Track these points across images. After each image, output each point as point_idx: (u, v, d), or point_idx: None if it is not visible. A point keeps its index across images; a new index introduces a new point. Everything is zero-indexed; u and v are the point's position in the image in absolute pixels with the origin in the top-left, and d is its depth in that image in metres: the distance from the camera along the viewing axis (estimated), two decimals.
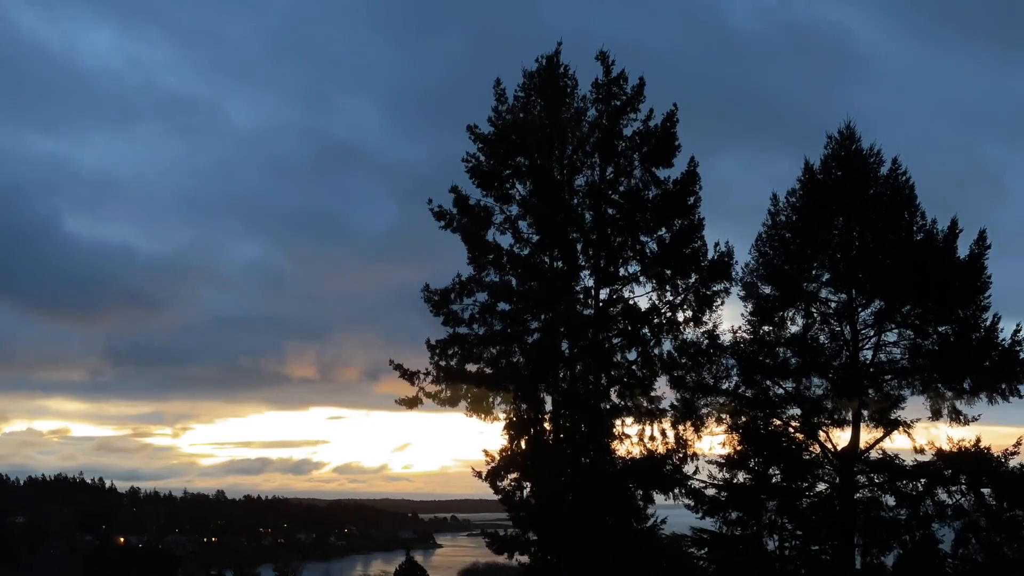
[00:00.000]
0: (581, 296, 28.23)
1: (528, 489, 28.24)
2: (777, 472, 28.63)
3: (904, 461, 27.54)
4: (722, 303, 28.34)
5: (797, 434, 28.65)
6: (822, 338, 28.62)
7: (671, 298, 28.32)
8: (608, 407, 28.09)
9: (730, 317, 28.84)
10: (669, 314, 28.23)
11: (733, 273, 28.35)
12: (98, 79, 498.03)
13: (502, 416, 28.31)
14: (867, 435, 27.78)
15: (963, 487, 26.86)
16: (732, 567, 28.57)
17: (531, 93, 28.42)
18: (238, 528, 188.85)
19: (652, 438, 28.23)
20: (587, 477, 27.65)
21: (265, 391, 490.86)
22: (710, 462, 28.63)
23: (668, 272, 28.22)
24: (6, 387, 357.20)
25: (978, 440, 26.77)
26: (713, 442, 29.01)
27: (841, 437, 28.14)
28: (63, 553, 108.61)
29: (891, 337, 28.21)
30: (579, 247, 28.37)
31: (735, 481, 28.54)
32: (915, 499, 27.13)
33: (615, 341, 28.49)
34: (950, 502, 26.90)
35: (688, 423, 28.37)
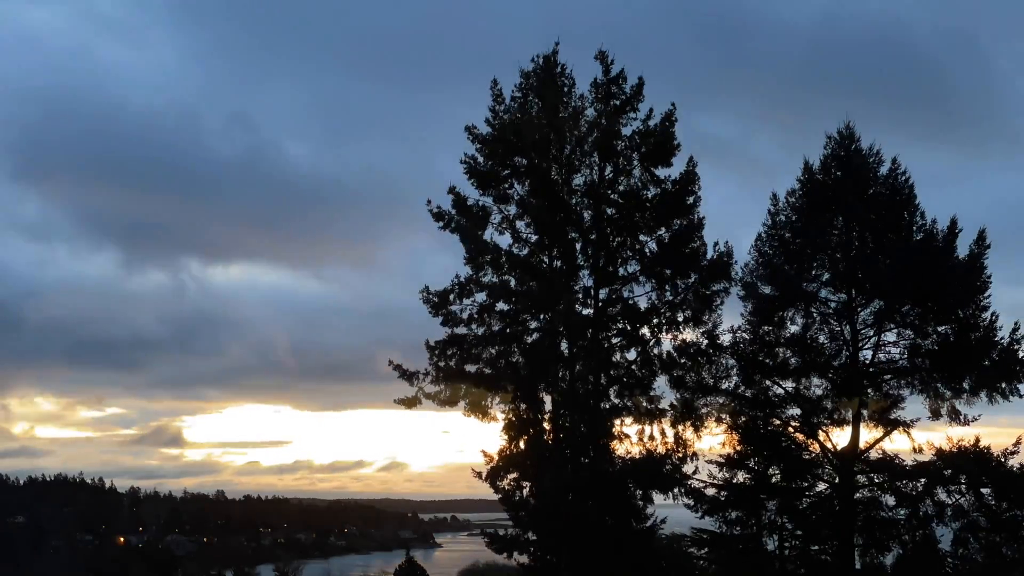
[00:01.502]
0: (580, 296, 28.21)
1: (528, 489, 28.23)
2: (777, 472, 28.59)
3: (904, 461, 27.49)
4: (722, 303, 28.41)
5: (797, 434, 28.59)
6: (822, 338, 28.54)
7: (671, 298, 28.33)
8: (608, 407, 28.09)
9: (730, 317, 28.78)
10: (668, 314, 28.22)
11: (733, 273, 28.36)
12: None
13: (501, 416, 28.33)
14: (867, 435, 27.73)
15: (963, 487, 26.80)
16: (732, 567, 28.54)
17: (528, 93, 28.40)
18: (238, 528, 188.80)
19: (652, 438, 28.26)
20: (587, 477, 27.62)
21: (263, 390, 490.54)
22: (710, 462, 28.61)
23: (667, 272, 28.21)
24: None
25: (978, 440, 26.67)
26: (713, 442, 29.01)
27: (841, 437, 28.10)
28: (63, 553, 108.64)
29: (891, 337, 28.15)
30: (578, 247, 28.37)
31: (735, 481, 28.49)
32: (915, 499, 27.05)
33: (615, 341, 28.50)
34: (950, 502, 26.85)
35: (688, 423, 28.36)
